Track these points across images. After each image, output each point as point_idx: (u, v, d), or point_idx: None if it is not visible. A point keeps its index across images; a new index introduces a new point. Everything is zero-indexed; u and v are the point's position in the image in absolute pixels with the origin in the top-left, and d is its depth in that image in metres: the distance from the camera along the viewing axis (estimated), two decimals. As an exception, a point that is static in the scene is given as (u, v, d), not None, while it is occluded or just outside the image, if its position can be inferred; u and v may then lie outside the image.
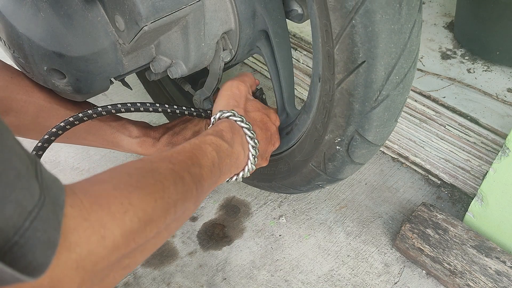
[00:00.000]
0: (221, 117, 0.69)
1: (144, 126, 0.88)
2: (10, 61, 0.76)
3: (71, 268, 0.35)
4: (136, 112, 0.81)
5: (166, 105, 0.75)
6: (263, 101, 0.86)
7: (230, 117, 0.68)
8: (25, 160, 0.33)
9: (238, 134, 0.67)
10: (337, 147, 0.69)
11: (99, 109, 0.72)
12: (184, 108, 0.77)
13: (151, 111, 0.75)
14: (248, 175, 0.70)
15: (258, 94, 0.85)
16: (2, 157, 0.30)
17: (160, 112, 0.76)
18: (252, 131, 0.69)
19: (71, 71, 0.69)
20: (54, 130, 0.69)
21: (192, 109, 0.78)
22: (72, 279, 0.35)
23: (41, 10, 0.65)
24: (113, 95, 1.46)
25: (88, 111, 0.71)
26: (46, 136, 0.69)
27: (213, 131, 0.63)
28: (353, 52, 0.55)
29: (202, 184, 0.54)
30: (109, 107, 0.72)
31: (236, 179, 0.70)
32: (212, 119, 0.70)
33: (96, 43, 0.68)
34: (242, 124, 0.68)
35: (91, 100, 1.31)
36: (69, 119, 0.70)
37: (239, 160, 0.66)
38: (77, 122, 0.71)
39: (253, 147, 0.69)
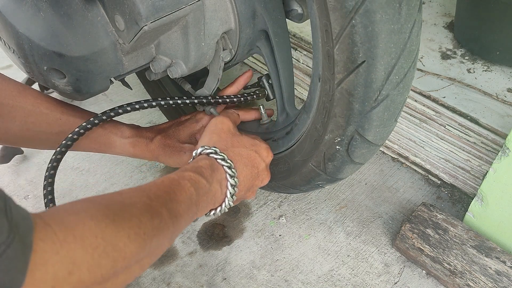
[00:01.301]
0: (202, 152, 0.68)
1: (136, 127, 0.87)
2: (10, 61, 0.76)
3: None
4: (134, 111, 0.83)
5: (168, 98, 0.78)
6: (270, 87, 0.85)
7: (211, 155, 0.67)
8: None
9: (218, 172, 0.66)
10: (337, 147, 0.69)
11: (112, 113, 0.77)
12: (185, 97, 0.79)
13: (151, 107, 0.77)
14: (226, 210, 0.70)
15: (264, 79, 0.85)
16: None
17: (162, 105, 0.78)
18: (233, 170, 0.68)
19: (71, 71, 0.69)
20: (67, 141, 0.74)
21: (193, 97, 0.80)
22: None
23: (41, 10, 0.65)
24: (113, 95, 1.46)
25: (95, 119, 0.75)
26: (58, 149, 0.73)
27: (192, 167, 0.62)
28: (353, 52, 0.55)
29: (178, 220, 0.54)
30: (117, 109, 0.76)
31: (214, 213, 0.68)
32: (193, 154, 0.70)
33: (96, 43, 0.68)
34: (223, 163, 0.67)
35: (91, 100, 1.30)
36: (80, 130, 0.75)
37: (216, 197, 0.66)
38: (82, 131, 0.75)
39: (232, 185, 0.67)
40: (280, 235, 1.05)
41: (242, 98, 0.85)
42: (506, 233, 0.94)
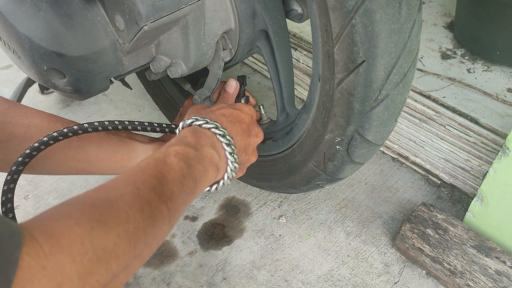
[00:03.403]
0: (183, 126, 0.66)
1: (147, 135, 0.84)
2: (10, 61, 0.76)
3: None
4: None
5: (127, 122, 0.70)
6: (243, 93, 0.85)
7: (193, 123, 0.66)
8: None
9: (205, 136, 0.63)
10: (337, 147, 0.69)
11: (85, 125, 0.67)
12: (146, 123, 0.72)
13: (120, 129, 0.70)
14: (234, 175, 0.67)
15: (243, 101, 0.85)
16: None
17: (128, 130, 0.70)
18: (221, 129, 0.65)
19: (71, 71, 0.69)
20: (36, 144, 0.64)
21: (155, 124, 0.73)
22: None
23: (41, 10, 0.65)
24: (113, 95, 1.46)
25: (73, 127, 0.66)
26: (28, 151, 0.63)
27: (176, 141, 0.60)
28: (353, 52, 0.55)
29: (173, 201, 0.51)
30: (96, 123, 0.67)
31: (223, 183, 0.66)
32: (176, 131, 0.68)
33: (96, 43, 0.68)
34: (208, 125, 0.65)
35: (91, 100, 1.30)
36: (53, 134, 0.64)
37: (214, 163, 0.63)
38: (61, 138, 0.65)
39: (227, 144, 0.65)
40: (280, 235, 1.05)
41: None
42: (506, 233, 0.94)
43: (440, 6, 1.53)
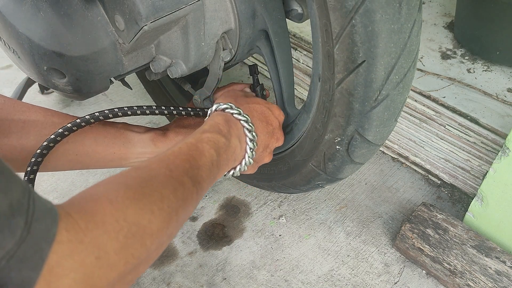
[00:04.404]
0: (217, 109, 0.68)
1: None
2: (10, 61, 0.76)
3: None
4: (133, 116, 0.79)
5: (163, 107, 0.75)
6: (263, 97, 0.86)
7: (227, 110, 0.67)
8: (12, 194, 0.32)
9: (235, 127, 0.65)
10: (337, 147, 0.69)
11: (97, 114, 0.70)
12: (181, 108, 0.76)
13: (147, 114, 0.74)
14: (246, 169, 0.69)
15: (258, 90, 0.85)
16: None
17: (156, 114, 0.74)
18: (250, 124, 0.67)
19: (71, 71, 0.69)
20: (52, 136, 0.67)
21: (189, 109, 0.77)
22: None
23: (41, 9, 0.65)
24: (113, 95, 1.46)
25: (85, 117, 0.69)
26: (45, 143, 0.67)
27: (209, 127, 0.62)
28: (353, 52, 0.55)
29: (201, 185, 0.53)
30: (106, 111, 0.71)
31: (233, 173, 0.68)
32: (208, 111, 0.69)
33: (96, 43, 0.68)
34: (239, 117, 0.66)
35: (91, 100, 1.31)
36: (68, 125, 0.68)
37: (235, 154, 0.65)
38: (75, 128, 0.69)
39: (251, 140, 0.67)
40: (280, 235, 1.05)
41: None
42: (506, 233, 0.94)
43: (440, 6, 1.53)
